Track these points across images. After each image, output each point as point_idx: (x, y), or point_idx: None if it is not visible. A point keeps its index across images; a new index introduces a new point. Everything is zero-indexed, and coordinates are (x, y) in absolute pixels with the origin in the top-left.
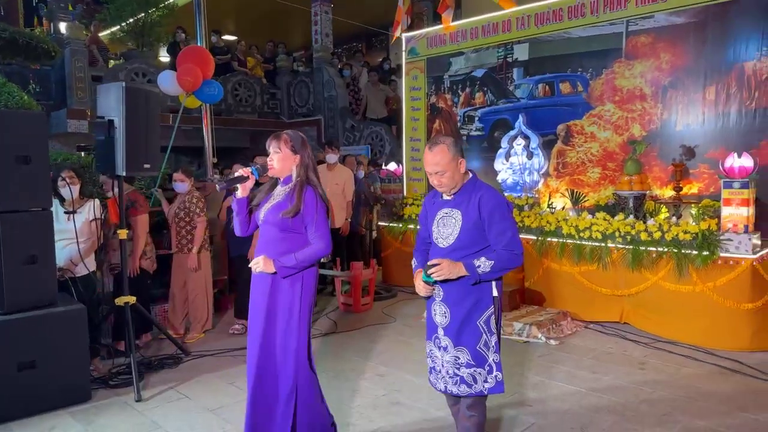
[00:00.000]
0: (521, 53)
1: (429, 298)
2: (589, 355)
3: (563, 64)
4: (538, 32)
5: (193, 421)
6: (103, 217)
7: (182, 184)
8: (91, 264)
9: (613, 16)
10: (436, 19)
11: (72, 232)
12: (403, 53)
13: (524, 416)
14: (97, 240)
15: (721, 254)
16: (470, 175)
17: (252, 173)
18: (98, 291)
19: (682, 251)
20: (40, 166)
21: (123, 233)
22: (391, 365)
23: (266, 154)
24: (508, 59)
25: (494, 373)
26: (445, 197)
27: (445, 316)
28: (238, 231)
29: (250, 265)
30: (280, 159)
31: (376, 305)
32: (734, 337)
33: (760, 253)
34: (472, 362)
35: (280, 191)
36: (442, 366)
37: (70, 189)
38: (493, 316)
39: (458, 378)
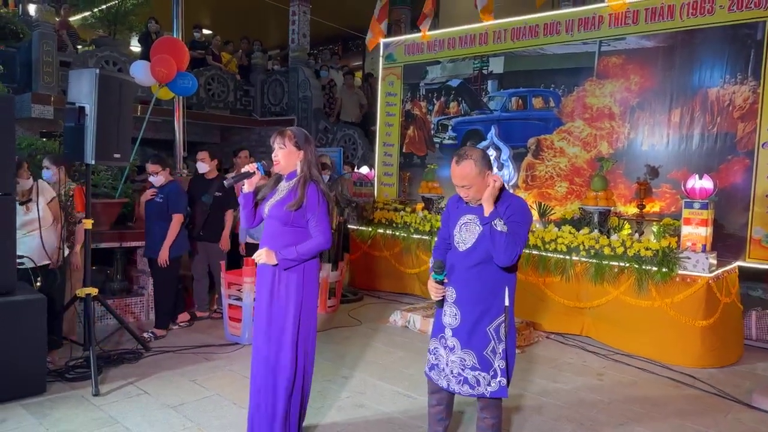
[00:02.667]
0: (496, 66)
1: (439, 307)
2: (550, 364)
3: (537, 79)
4: (514, 47)
5: (153, 418)
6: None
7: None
8: (53, 254)
9: (586, 36)
10: (414, 26)
11: (36, 222)
12: (381, 59)
13: None
14: (60, 220)
15: (679, 272)
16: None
17: (258, 169)
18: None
19: (643, 267)
20: (5, 150)
21: (88, 223)
22: (355, 368)
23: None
24: (483, 71)
25: (498, 378)
26: (471, 204)
27: (456, 318)
28: (244, 223)
29: (253, 257)
30: (285, 155)
31: (342, 308)
32: (688, 353)
33: (716, 272)
34: (477, 366)
35: (284, 186)
36: (446, 365)
37: (27, 181)
38: (503, 325)
39: (462, 378)
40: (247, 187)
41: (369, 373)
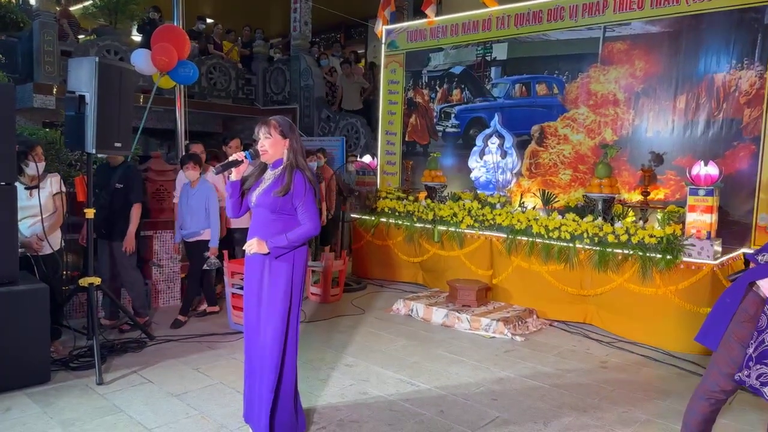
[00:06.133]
0: (500, 52)
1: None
2: (553, 352)
3: (540, 65)
4: (517, 33)
5: (157, 406)
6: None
7: None
8: (55, 242)
9: (591, 21)
10: (417, 13)
11: (36, 209)
12: (383, 46)
13: (489, 409)
14: (62, 215)
15: (684, 259)
16: None
17: (246, 157)
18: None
19: (647, 254)
20: (5, 140)
21: (90, 212)
22: (358, 356)
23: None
24: (486, 58)
25: None
26: None
27: None
28: (230, 213)
29: (243, 247)
30: (271, 144)
31: (346, 297)
32: (692, 341)
33: (721, 259)
34: None
35: (270, 175)
36: None
37: (36, 165)
38: None
39: None
40: (235, 175)
41: (372, 361)
